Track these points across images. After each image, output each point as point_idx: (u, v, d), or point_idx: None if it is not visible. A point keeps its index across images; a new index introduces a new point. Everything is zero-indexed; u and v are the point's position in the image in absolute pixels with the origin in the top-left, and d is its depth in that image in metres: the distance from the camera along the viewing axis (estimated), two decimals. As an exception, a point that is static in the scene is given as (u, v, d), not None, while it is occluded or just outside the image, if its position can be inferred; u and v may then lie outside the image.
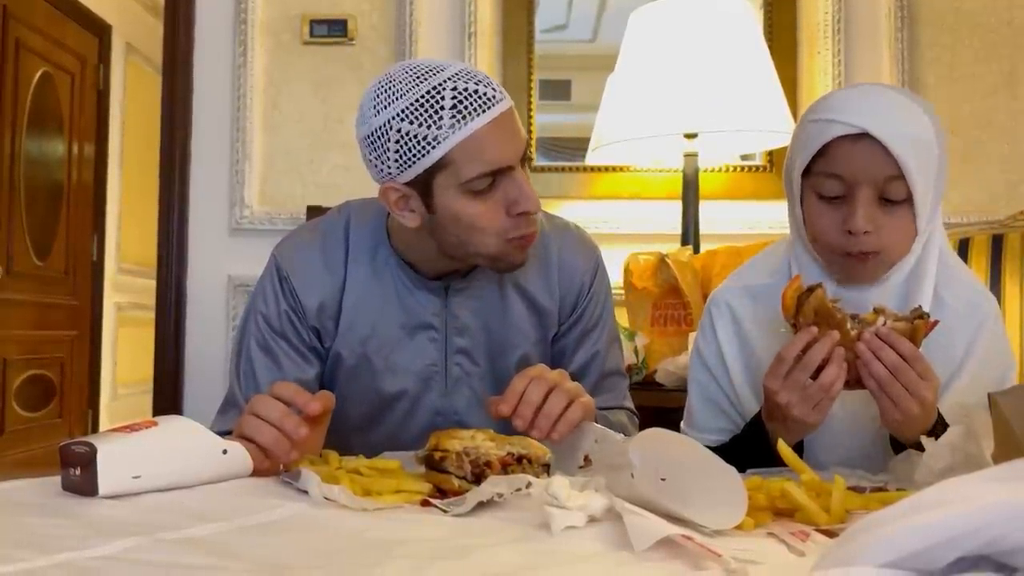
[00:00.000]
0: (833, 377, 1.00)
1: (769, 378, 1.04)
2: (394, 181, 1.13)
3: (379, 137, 1.10)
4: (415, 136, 1.08)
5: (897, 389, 0.99)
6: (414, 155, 1.09)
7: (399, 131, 1.09)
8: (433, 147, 1.08)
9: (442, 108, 1.07)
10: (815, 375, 1.01)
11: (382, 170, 1.13)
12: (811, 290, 1.01)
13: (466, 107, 1.08)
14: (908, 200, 1.06)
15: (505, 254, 1.17)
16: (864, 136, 1.04)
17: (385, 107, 1.10)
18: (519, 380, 1.05)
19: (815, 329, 1.00)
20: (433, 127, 1.07)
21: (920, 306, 1.01)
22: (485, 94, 1.09)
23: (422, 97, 1.08)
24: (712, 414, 1.22)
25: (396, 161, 1.10)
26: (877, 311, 1.01)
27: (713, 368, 1.22)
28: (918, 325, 0.99)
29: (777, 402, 1.03)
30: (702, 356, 1.24)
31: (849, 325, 1.00)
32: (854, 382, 1.02)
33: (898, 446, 1.06)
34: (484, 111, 1.08)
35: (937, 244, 1.14)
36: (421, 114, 1.08)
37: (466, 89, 1.08)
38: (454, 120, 1.07)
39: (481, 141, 1.09)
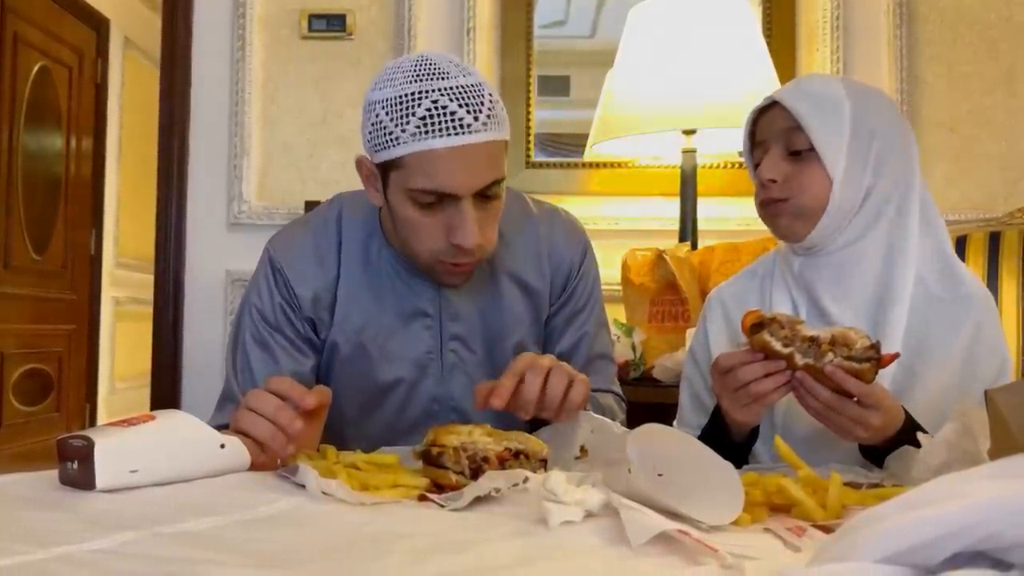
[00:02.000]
0: (765, 389, 1.02)
1: (712, 369, 1.08)
2: (368, 157, 1.18)
3: (367, 113, 1.15)
4: (384, 128, 1.11)
5: (836, 419, 1.00)
6: (379, 144, 1.13)
7: (376, 116, 1.12)
8: (394, 145, 1.11)
9: (412, 114, 1.09)
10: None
11: (364, 143, 1.17)
12: (761, 326, 1.01)
13: (433, 123, 1.08)
14: (815, 151, 1.14)
15: (434, 272, 1.20)
16: (773, 104, 1.18)
17: (381, 88, 1.13)
18: (508, 378, 1.05)
19: (760, 355, 1.01)
20: (398, 128, 1.10)
21: (878, 343, 0.99)
22: (462, 120, 1.08)
23: (404, 96, 1.10)
24: (696, 410, 1.26)
25: (369, 141, 1.15)
26: (835, 339, 0.99)
27: (701, 364, 1.27)
28: (865, 369, 0.97)
29: (718, 397, 1.09)
30: (693, 354, 1.30)
31: (798, 358, 0.99)
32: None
33: (865, 451, 1.08)
34: (449, 134, 1.08)
35: (913, 225, 1.16)
36: (395, 111, 1.10)
37: (445, 107, 1.08)
38: (416, 130, 1.09)
39: (435, 161, 1.09)
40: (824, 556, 0.48)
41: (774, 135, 1.17)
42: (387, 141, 1.11)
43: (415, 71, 1.11)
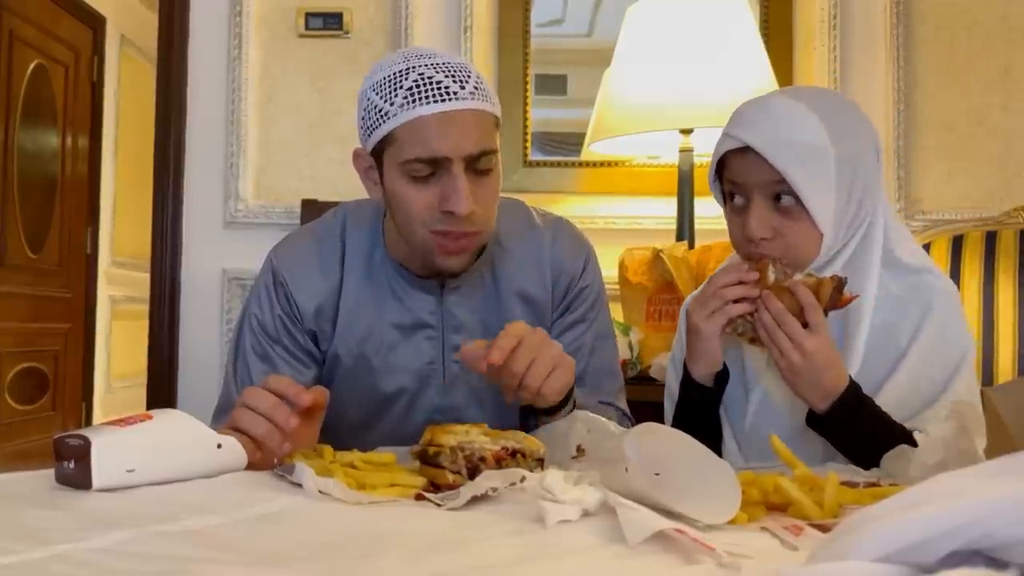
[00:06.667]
0: (732, 294, 1.11)
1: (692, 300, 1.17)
2: (364, 148, 1.19)
3: (360, 102, 1.18)
4: (375, 107, 1.14)
5: (779, 336, 1.07)
6: (371, 124, 1.15)
7: (368, 99, 1.15)
8: (384, 121, 1.13)
9: (400, 87, 1.12)
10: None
11: (359, 134, 1.19)
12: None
13: (421, 92, 1.11)
14: (803, 204, 1.11)
15: (431, 253, 1.17)
16: (748, 149, 1.11)
17: (372, 76, 1.17)
18: (507, 341, 1.06)
19: (745, 265, 1.12)
20: (387, 102, 1.13)
21: (845, 278, 1.08)
22: (447, 87, 1.12)
23: (392, 75, 1.13)
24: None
25: (362, 128, 1.17)
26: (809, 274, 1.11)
27: (678, 365, 1.27)
28: (823, 280, 1.07)
29: (688, 313, 1.16)
30: (673, 358, 1.31)
31: (770, 270, 1.10)
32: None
33: (813, 421, 1.10)
34: (437, 101, 1.11)
35: (878, 236, 1.17)
36: (384, 89, 1.13)
37: (431, 78, 1.12)
38: (405, 100, 1.12)
39: (425, 128, 1.12)
40: (821, 555, 0.48)
41: (757, 186, 1.12)
42: (378, 119, 1.14)
43: (404, 55, 1.16)
